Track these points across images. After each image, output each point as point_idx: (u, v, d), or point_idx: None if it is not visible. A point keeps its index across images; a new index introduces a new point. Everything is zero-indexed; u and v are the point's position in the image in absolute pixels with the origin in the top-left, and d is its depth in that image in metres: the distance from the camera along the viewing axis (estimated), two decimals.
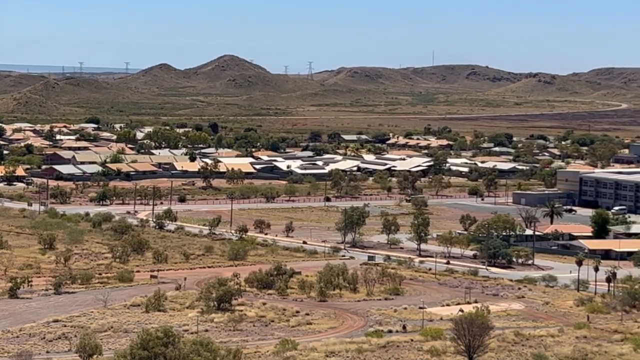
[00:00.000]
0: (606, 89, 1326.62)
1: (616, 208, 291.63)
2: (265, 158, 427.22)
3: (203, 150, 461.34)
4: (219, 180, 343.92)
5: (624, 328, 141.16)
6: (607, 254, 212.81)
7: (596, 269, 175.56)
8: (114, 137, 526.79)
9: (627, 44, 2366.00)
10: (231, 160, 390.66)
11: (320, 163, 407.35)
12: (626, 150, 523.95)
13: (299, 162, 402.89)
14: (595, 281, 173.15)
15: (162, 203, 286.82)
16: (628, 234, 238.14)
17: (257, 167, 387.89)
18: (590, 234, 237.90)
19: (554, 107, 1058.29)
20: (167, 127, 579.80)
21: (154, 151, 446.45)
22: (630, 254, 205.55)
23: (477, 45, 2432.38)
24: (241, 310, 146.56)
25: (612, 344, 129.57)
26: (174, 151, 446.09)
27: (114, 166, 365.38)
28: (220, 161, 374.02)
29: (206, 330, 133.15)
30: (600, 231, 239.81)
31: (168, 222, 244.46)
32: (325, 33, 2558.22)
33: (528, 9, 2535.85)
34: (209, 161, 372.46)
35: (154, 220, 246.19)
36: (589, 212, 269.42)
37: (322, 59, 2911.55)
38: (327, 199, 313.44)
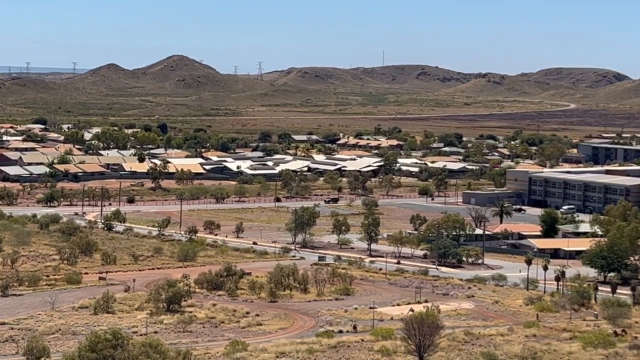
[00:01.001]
0: (555, 89, 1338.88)
1: (565, 207, 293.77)
2: (215, 159, 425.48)
3: (152, 151, 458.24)
4: (168, 181, 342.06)
5: (572, 326, 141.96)
6: (556, 253, 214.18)
7: (545, 268, 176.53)
8: (62, 138, 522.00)
9: (576, 44, 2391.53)
10: (180, 161, 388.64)
11: (270, 163, 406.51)
12: (575, 150, 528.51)
13: (249, 163, 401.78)
14: (545, 280, 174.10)
15: (110, 204, 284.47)
16: (576, 233, 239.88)
17: (207, 167, 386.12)
18: (540, 233, 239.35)
19: (503, 107, 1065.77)
20: (116, 128, 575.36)
21: (102, 152, 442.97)
22: (578, 252, 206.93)
23: (427, 46, 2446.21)
24: (191, 312, 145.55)
25: (561, 343, 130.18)
26: (123, 152, 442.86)
27: (61, 167, 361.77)
28: (169, 162, 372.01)
29: (155, 332, 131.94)
30: (549, 230, 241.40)
31: (117, 223, 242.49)
32: (275, 33, 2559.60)
33: (477, 10, 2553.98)
34: (158, 162, 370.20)
35: (103, 221, 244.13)
36: (538, 211, 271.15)
37: (272, 59, 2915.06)
38: (278, 200, 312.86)
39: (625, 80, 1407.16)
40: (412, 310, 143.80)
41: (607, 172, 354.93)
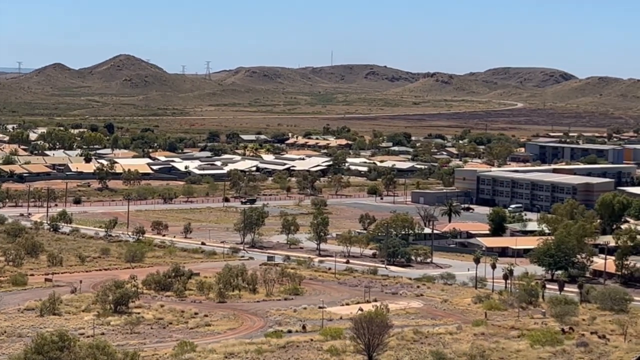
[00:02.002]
0: (502, 89, 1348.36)
1: (513, 206, 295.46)
2: (163, 159, 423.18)
3: (99, 151, 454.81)
4: (116, 181, 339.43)
5: (520, 324, 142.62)
6: (504, 252, 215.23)
7: (493, 267, 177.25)
8: (7, 138, 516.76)
9: (523, 44, 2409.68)
10: (128, 161, 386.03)
11: (218, 163, 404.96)
12: (522, 149, 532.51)
13: (197, 163, 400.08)
14: (493, 278, 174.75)
15: (56, 205, 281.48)
16: (524, 231, 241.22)
17: (155, 167, 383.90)
18: (488, 232, 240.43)
19: (451, 107, 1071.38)
20: (62, 128, 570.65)
21: (48, 152, 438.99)
22: (526, 251, 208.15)
23: (376, 45, 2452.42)
24: (138, 313, 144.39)
25: (509, 341, 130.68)
26: (69, 152, 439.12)
27: (6, 168, 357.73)
28: (116, 162, 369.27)
29: (103, 334, 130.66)
30: (498, 229, 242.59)
31: (63, 224, 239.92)
32: (223, 33, 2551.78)
33: (425, 9, 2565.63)
34: (104, 162, 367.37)
35: (49, 222, 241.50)
36: (486, 210, 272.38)
37: (220, 58, 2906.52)
38: (226, 200, 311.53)
39: (572, 80, 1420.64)
40: (361, 309, 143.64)
41: (555, 171, 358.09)
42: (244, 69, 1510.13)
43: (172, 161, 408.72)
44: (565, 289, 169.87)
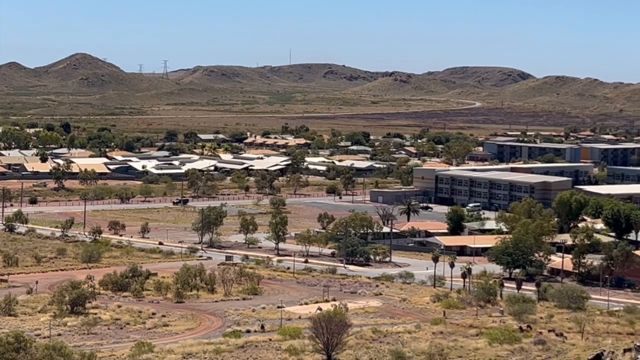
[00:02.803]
0: (460, 88, 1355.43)
1: (471, 205, 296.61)
2: (120, 158, 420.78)
3: (55, 151, 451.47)
4: (72, 181, 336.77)
5: (479, 323, 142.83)
6: (462, 250, 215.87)
7: (452, 265, 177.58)
8: None
9: (481, 43, 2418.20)
10: (84, 161, 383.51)
11: (176, 163, 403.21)
12: (480, 148, 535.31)
13: (154, 162, 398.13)
14: (451, 277, 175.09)
15: (12, 205, 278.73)
16: (482, 230, 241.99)
17: (112, 167, 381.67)
18: (446, 231, 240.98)
19: (410, 106, 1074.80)
20: (17, 127, 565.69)
21: (3, 152, 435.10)
22: (484, 249, 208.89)
23: (334, 44, 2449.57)
24: (95, 314, 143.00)
25: (468, 339, 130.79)
26: (25, 152, 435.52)
27: None
28: (73, 162, 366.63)
29: (59, 335, 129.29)
30: (456, 228, 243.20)
31: (18, 224, 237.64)
32: (180, 31, 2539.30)
33: (384, 8, 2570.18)
34: (61, 162, 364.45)
35: (4, 222, 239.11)
36: (444, 209, 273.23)
37: (177, 57, 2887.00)
38: (184, 199, 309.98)
39: (530, 79, 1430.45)
40: (320, 309, 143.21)
41: (512, 169, 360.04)
42: (202, 68, 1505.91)
43: (130, 161, 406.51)
44: (523, 287, 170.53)
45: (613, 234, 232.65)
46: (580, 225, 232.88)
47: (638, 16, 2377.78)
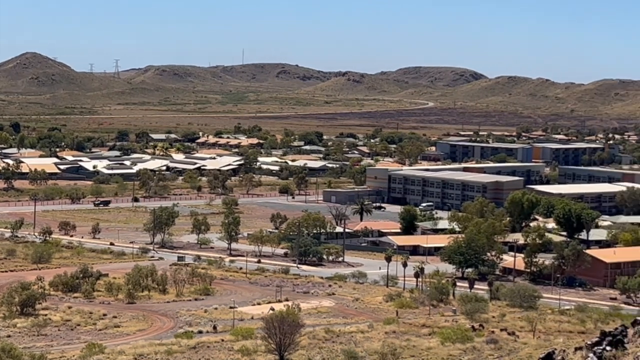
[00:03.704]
0: (414, 88, 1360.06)
1: (424, 204, 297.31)
2: (71, 158, 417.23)
3: (4, 151, 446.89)
4: (22, 181, 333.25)
5: (431, 322, 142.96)
6: (415, 250, 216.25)
7: (405, 265, 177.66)
8: None
9: (433, 43, 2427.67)
10: (34, 161, 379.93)
11: (128, 163, 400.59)
12: (433, 148, 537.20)
13: (105, 162, 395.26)
14: (404, 277, 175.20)
15: None
16: (435, 229, 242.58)
17: (62, 167, 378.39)
18: (399, 231, 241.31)
19: (363, 106, 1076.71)
20: None
21: None
22: (437, 249, 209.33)
23: (287, 44, 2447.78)
24: (46, 315, 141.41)
25: (421, 338, 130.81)
26: None
27: None
28: (22, 162, 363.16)
29: (9, 336, 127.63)
30: (409, 227, 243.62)
31: None
32: (131, 30, 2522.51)
33: (336, 8, 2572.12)
34: (10, 162, 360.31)
35: None
36: (397, 208, 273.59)
37: (129, 57, 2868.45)
38: (135, 199, 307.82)
39: (482, 79, 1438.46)
40: (272, 309, 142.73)
41: (465, 169, 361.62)
42: (154, 68, 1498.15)
43: (80, 161, 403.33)
44: (475, 286, 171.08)
45: (564, 233, 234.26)
46: (532, 224, 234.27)
47: (589, 17, 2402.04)
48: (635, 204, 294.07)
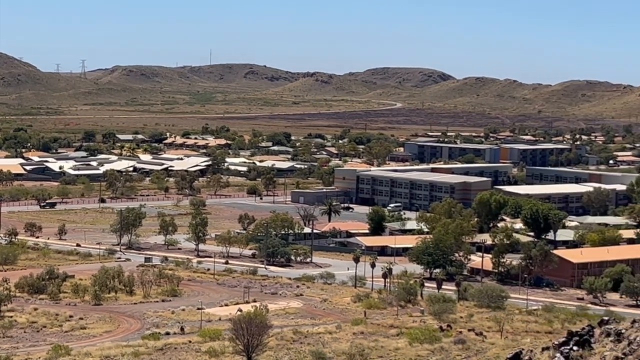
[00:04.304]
0: (382, 89, 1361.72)
1: (392, 205, 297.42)
2: (36, 159, 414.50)
3: None
4: None
5: (399, 323, 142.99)
6: (383, 250, 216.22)
7: (373, 265, 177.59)
8: None
9: (402, 44, 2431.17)
10: (0, 162, 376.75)
11: (94, 163, 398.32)
12: (401, 149, 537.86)
13: (72, 163, 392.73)
14: (372, 277, 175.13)
15: None
16: (403, 230, 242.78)
17: (28, 168, 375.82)
18: (367, 231, 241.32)
19: (331, 107, 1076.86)
20: None
21: None
22: (405, 249, 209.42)
23: (255, 45, 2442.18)
24: (11, 317, 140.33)
25: (389, 339, 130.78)
26: None
27: None
28: None
29: None
30: (377, 228, 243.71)
31: None
32: (98, 30, 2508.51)
33: (304, 8, 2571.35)
34: None
35: None
36: (365, 209, 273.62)
37: (95, 57, 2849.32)
38: (102, 200, 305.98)
39: (450, 80, 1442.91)
40: (240, 310, 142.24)
41: (433, 170, 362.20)
42: (121, 68, 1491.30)
43: (46, 161, 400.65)
44: (443, 287, 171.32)
45: (532, 233, 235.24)
46: (499, 225, 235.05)
47: (556, 19, 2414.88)
48: (601, 205, 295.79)
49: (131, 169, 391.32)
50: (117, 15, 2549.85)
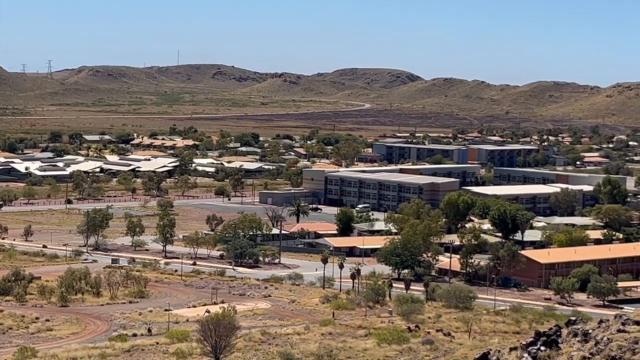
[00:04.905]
0: (350, 89, 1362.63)
1: (360, 206, 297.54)
2: (2, 160, 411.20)
3: None
4: None
5: (368, 323, 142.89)
6: (351, 251, 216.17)
7: (341, 266, 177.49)
8: None
9: (370, 45, 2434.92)
10: None
11: (61, 164, 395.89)
12: (370, 150, 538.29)
13: (38, 164, 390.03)
14: (340, 278, 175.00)
15: None
16: (372, 231, 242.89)
17: None
18: (336, 232, 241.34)
19: (299, 107, 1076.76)
20: None
21: None
22: (373, 250, 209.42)
23: (223, 45, 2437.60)
24: None
25: (357, 340, 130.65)
26: None
27: None
28: None
29: None
30: (345, 229, 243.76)
31: None
32: (64, 30, 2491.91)
33: (272, 9, 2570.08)
34: None
35: None
36: (334, 210, 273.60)
37: (62, 57, 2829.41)
38: (69, 201, 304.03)
39: (418, 81, 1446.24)
40: (208, 311, 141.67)
41: (401, 171, 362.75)
42: (88, 68, 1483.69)
43: (12, 162, 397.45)
44: (411, 287, 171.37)
45: (500, 234, 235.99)
46: (467, 225, 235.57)
47: (524, 20, 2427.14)
48: (569, 205, 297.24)
49: (98, 169, 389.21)
50: (84, 15, 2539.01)
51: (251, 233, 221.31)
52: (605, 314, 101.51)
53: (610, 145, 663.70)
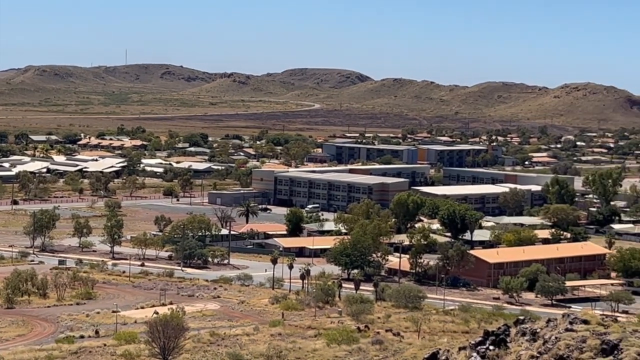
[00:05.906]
0: (300, 90, 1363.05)
1: (310, 206, 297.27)
2: None
3: None
4: None
5: (317, 324, 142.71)
6: (301, 252, 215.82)
7: (290, 267, 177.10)
8: None
9: (319, 45, 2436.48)
10: None
11: (6, 165, 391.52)
12: (319, 150, 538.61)
13: None
14: (290, 279, 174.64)
15: None
16: (321, 231, 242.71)
17: None
18: (285, 233, 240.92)
19: (249, 107, 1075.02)
20: None
21: None
22: (323, 250, 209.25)
23: (171, 45, 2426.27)
24: None
25: (306, 340, 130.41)
26: None
27: None
28: None
29: None
30: (295, 229, 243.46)
31: None
32: (10, 29, 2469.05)
33: (221, 9, 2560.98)
34: None
35: None
36: (283, 210, 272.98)
37: (7, 56, 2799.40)
38: (15, 202, 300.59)
39: (368, 81, 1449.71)
40: (156, 312, 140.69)
41: (351, 171, 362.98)
42: (34, 68, 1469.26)
43: None
44: (361, 287, 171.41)
45: (449, 234, 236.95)
46: (417, 225, 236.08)
47: (473, 20, 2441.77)
48: (517, 205, 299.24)
49: (45, 170, 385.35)
50: (30, 13, 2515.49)
51: (200, 234, 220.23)
52: (553, 313, 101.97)
53: (558, 146, 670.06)
